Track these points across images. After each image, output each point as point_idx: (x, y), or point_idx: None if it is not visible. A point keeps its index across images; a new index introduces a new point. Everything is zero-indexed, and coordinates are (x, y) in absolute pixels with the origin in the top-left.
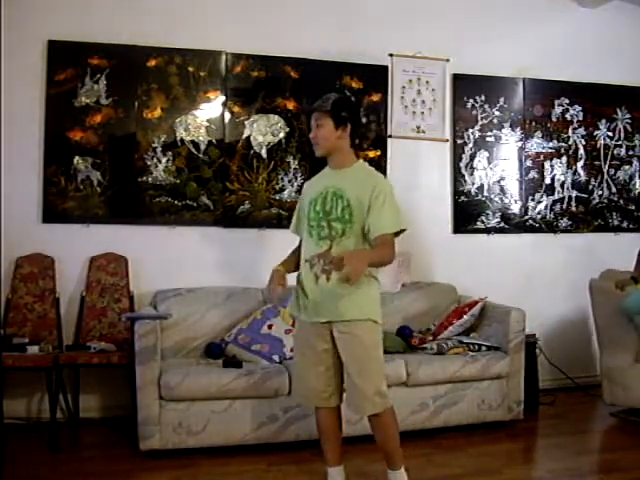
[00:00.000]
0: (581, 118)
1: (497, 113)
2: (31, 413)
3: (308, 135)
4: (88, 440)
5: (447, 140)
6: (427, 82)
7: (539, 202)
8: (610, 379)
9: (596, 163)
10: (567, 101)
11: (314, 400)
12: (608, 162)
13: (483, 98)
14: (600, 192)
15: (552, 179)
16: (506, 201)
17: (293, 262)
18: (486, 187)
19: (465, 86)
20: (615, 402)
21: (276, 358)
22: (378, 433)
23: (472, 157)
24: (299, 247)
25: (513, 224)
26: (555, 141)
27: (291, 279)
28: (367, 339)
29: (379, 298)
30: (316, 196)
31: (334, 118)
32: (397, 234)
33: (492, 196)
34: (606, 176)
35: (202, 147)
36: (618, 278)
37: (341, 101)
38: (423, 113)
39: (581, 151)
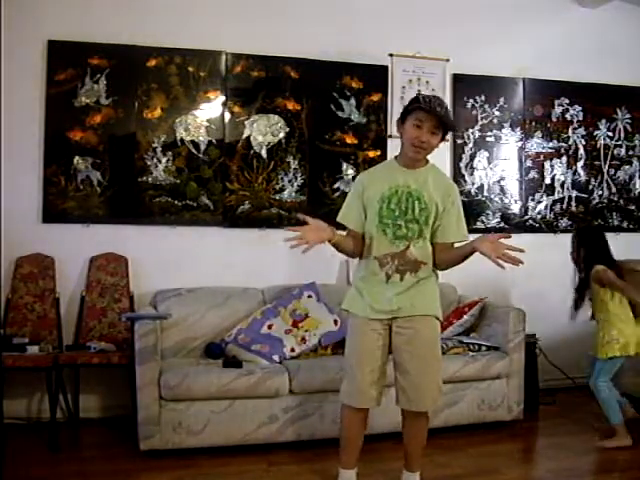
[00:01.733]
0: (581, 118)
1: (497, 113)
2: (31, 413)
3: (417, 132)
4: (88, 440)
5: (447, 140)
6: (427, 82)
7: (539, 202)
8: None
9: (596, 163)
10: (567, 101)
11: (358, 399)
12: (608, 162)
13: (483, 98)
14: (600, 192)
15: (552, 179)
16: (506, 201)
17: (345, 243)
18: (486, 187)
19: (465, 86)
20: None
21: (276, 358)
22: (413, 431)
23: (472, 157)
24: (354, 237)
25: (513, 224)
26: (555, 141)
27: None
28: (429, 335)
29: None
30: (389, 194)
31: (445, 131)
32: None
33: (492, 196)
34: (606, 176)
35: (202, 147)
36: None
37: (450, 113)
38: None
39: (581, 151)
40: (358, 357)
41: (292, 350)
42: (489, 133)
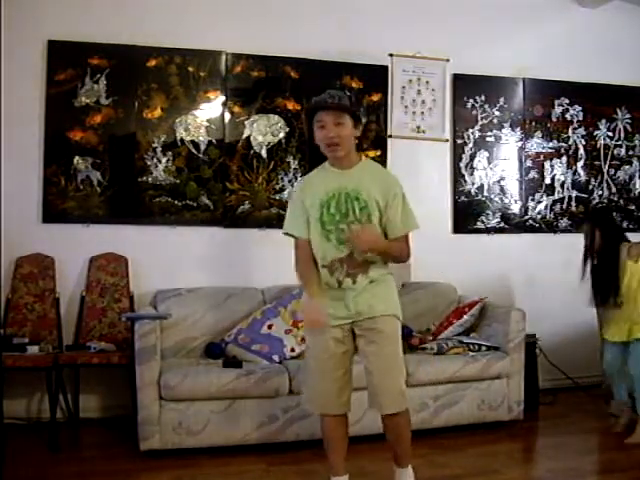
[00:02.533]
0: (581, 118)
1: (497, 113)
2: (31, 413)
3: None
4: (88, 440)
5: (447, 140)
6: (427, 82)
7: (539, 202)
8: None
9: (596, 163)
10: (567, 101)
11: (330, 407)
12: (608, 162)
13: (483, 98)
14: (600, 192)
15: (552, 179)
16: (506, 201)
17: (316, 281)
18: (486, 187)
19: (465, 86)
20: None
21: (276, 358)
22: (393, 433)
23: (472, 157)
24: (307, 249)
25: (513, 224)
26: (555, 141)
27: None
28: (392, 335)
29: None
30: (327, 198)
31: (353, 116)
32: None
33: (492, 196)
34: (606, 176)
35: (202, 147)
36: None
37: (352, 99)
38: (423, 113)
39: (581, 151)
40: (321, 366)
41: (292, 350)
42: (489, 133)
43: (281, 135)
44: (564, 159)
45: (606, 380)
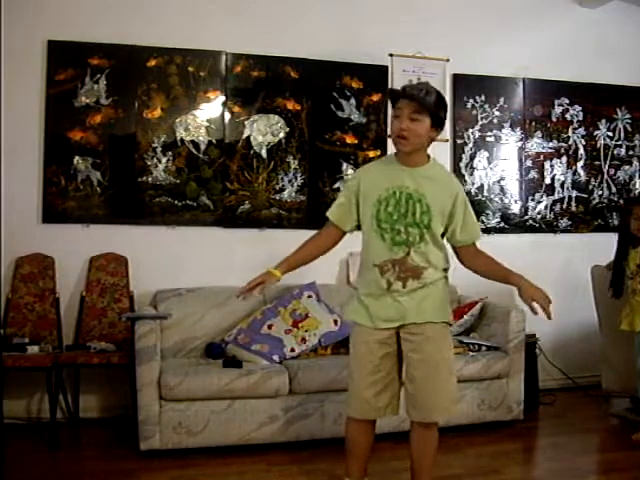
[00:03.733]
0: (581, 118)
1: (497, 113)
2: (31, 413)
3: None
4: (88, 440)
5: (447, 140)
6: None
7: (539, 202)
8: (609, 365)
9: (596, 163)
10: (567, 101)
11: (368, 411)
12: (608, 162)
13: (483, 98)
14: (600, 192)
15: (552, 179)
16: (506, 201)
17: (300, 260)
18: (486, 187)
19: (465, 86)
20: (612, 388)
21: (276, 358)
22: (423, 445)
23: (472, 157)
24: (326, 234)
25: (513, 224)
26: (555, 141)
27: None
28: (440, 341)
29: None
30: (387, 195)
31: (434, 117)
32: None
33: (492, 196)
34: (606, 176)
35: (202, 147)
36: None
37: (442, 100)
38: None
39: (581, 151)
40: (360, 368)
41: (292, 350)
42: (489, 133)
43: (281, 135)
44: (564, 159)
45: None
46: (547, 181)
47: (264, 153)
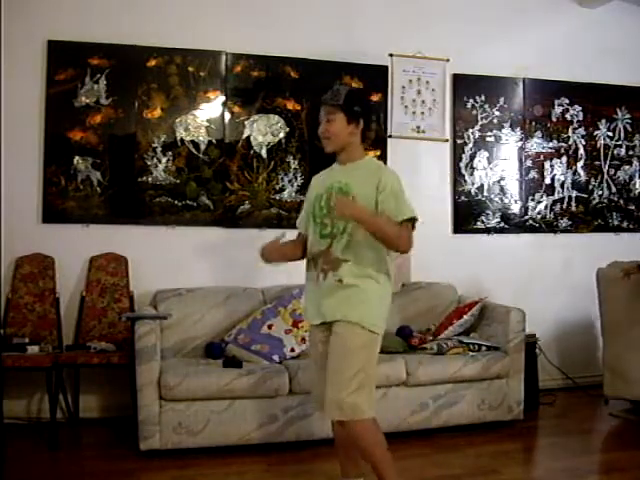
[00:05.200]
0: (581, 118)
1: (497, 113)
2: (31, 413)
3: (317, 130)
4: (88, 440)
5: (447, 140)
6: (427, 82)
7: (539, 202)
8: (612, 370)
9: (596, 163)
10: (567, 101)
11: (319, 408)
12: (608, 162)
13: (483, 98)
14: (600, 192)
15: (552, 179)
16: (506, 201)
17: (289, 254)
18: (486, 187)
19: (465, 86)
20: (616, 394)
21: (276, 358)
22: (342, 439)
23: (472, 157)
24: (296, 241)
25: (513, 224)
26: (555, 141)
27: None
28: (350, 342)
29: (384, 305)
30: (323, 192)
31: (347, 113)
32: (414, 225)
33: (492, 196)
34: (606, 176)
35: (202, 147)
36: (625, 266)
37: (353, 95)
38: (423, 113)
39: (581, 151)
40: (312, 365)
41: (292, 350)
42: (489, 133)
43: (281, 135)
44: (564, 159)
45: None
46: (547, 181)
47: (264, 153)
